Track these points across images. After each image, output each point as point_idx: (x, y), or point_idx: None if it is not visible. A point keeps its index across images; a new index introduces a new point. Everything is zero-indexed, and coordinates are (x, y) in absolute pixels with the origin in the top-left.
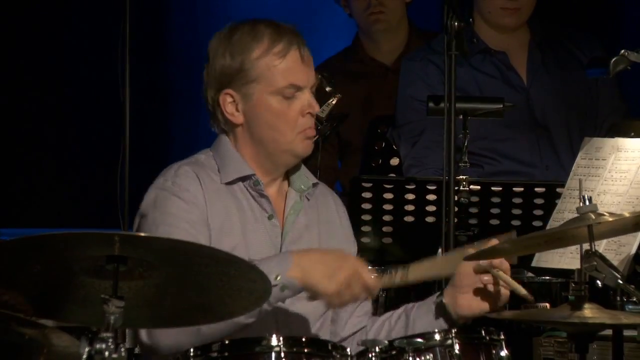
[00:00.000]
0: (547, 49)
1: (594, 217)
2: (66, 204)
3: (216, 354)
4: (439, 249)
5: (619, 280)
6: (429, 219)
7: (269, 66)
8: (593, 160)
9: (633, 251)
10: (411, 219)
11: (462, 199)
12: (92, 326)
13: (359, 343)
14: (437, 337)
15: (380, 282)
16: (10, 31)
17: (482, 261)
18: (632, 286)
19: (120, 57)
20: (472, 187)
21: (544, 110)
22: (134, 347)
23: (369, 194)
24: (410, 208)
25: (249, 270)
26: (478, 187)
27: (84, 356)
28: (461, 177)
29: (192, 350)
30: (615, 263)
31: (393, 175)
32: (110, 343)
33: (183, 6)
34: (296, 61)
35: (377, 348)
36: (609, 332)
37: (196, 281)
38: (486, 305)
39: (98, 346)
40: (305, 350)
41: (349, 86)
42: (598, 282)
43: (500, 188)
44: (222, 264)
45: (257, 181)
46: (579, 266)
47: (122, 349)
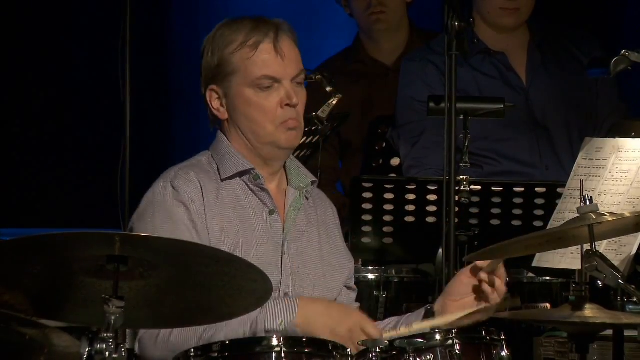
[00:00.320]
0: (547, 50)
1: (595, 217)
2: (66, 204)
3: (217, 354)
4: (440, 250)
5: (620, 280)
6: (430, 219)
7: (243, 59)
8: (594, 160)
9: (634, 251)
10: (412, 219)
11: (463, 199)
12: (93, 326)
13: (360, 343)
14: (438, 337)
15: (383, 335)
16: (10, 31)
17: (478, 262)
18: (633, 286)
19: (120, 57)
20: (473, 187)
21: (544, 110)
22: (134, 348)
23: (370, 194)
24: (410, 208)
25: (250, 270)
26: (479, 187)
27: (85, 356)
28: (462, 177)
29: (193, 350)
30: (616, 263)
31: (394, 175)
32: (110, 343)
33: (184, 5)
34: (270, 52)
35: (378, 348)
36: (610, 333)
37: (197, 281)
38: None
39: (98, 346)
40: (305, 350)
41: (350, 86)
42: (599, 283)
43: (500, 188)
44: (223, 264)
45: (257, 175)
46: (580, 266)
47: (123, 350)
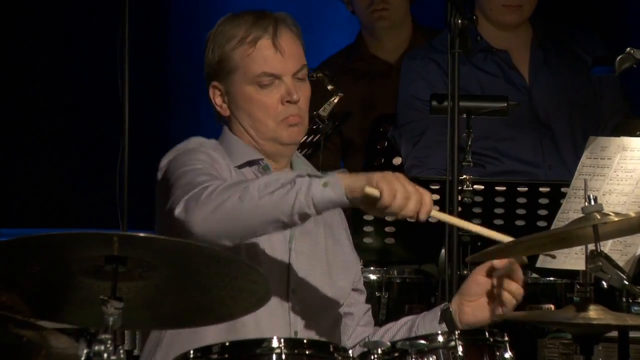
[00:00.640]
0: (550, 48)
1: (600, 217)
2: (65, 204)
3: (216, 356)
4: (442, 250)
5: (625, 281)
6: (432, 219)
7: (243, 55)
8: (598, 159)
9: (639, 252)
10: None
11: (466, 199)
12: (91, 328)
13: (361, 345)
14: (440, 339)
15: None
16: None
17: (495, 261)
18: (638, 287)
19: (119, 56)
20: (476, 187)
21: (547, 109)
22: (133, 349)
23: None
24: None
25: (250, 271)
26: (482, 187)
27: (83, 358)
28: (465, 177)
29: (192, 352)
30: (621, 264)
31: None
32: (109, 345)
33: (183, 4)
34: (269, 48)
35: (380, 350)
36: (615, 334)
37: (196, 282)
38: (489, 314)
39: (97, 348)
40: (306, 352)
41: (352, 84)
42: (603, 283)
43: (504, 188)
44: (223, 264)
45: (267, 166)
46: (584, 267)
47: (121, 351)
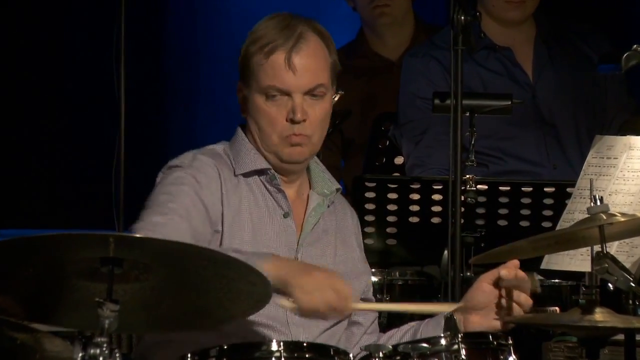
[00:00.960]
0: (554, 45)
1: (605, 218)
2: (60, 205)
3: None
4: (445, 251)
5: (632, 283)
6: (435, 220)
7: (258, 64)
8: (604, 159)
9: None
10: (416, 220)
11: (469, 199)
12: (86, 330)
13: (362, 348)
14: (443, 342)
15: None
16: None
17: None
18: None
19: (115, 56)
20: (479, 187)
21: (551, 107)
22: (129, 352)
23: (373, 194)
24: (415, 208)
25: (249, 272)
26: (485, 187)
27: None
28: (468, 177)
29: (190, 355)
30: (627, 265)
31: (397, 174)
32: (104, 348)
33: (181, 2)
34: (280, 63)
35: (381, 353)
36: (621, 337)
37: (194, 284)
38: (497, 323)
39: (92, 351)
40: (306, 355)
41: (353, 82)
42: (609, 285)
43: (508, 188)
44: (221, 266)
45: (274, 176)
46: (590, 269)
47: (117, 354)
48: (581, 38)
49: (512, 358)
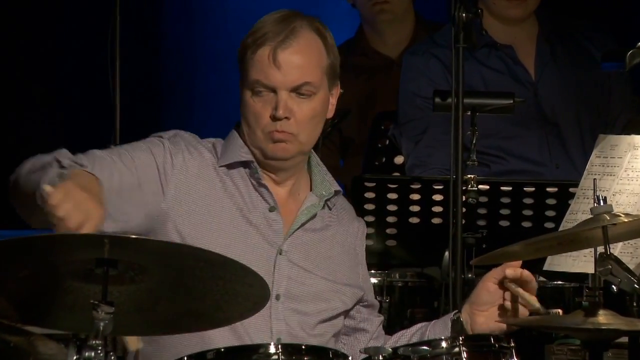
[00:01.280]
0: (557, 42)
1: (609, 218)
2: None
3: None
4: (446, 252)
5: (636, 284)
6: (436, 220)
7: (247, 57)
8: (608, 158)
9: None
10: (416, 221)
11: (471, 199)
12: (81, 333)
13: (362, 351)
14: (444, 345)
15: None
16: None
17: (507, 271)
18: None
19: (110, 55)
20: (481, 187)
21: (554, 106)
22: (125, 356)
23: (372, 194)
24: (415, 209)
25: (246, 274)
26: (487, 187)
27: None
28: (469, 177)
29: (186, 358)
30: (631, 267)
31: (397, 174)
32: (99, 351)
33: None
34: (265, 58)
35: (381, 356)
36: (625, 340)
37: (190, 285)
38: (503, 325)
39: (87, 354)
40: (305, 358)
41: (352, 80)
42: (613, 287)
43: (510, 188)
44: (218, 268)
45: (256, 169)
46: (593, 270)
47: (112, 357)
48: (584, 36)
49: None
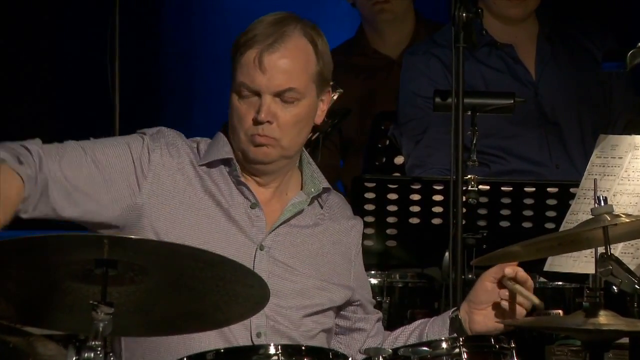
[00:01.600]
0: (557, 41)
1: (610, 219)
2: None
3: None
4: (446, 253)
5: (636, 285)
6: (436, 221)
7: (235, 60)
8: (609, 158)
9: None
10: (417, 221)
11: (471, 200)
12: (80, 334)
13: (361, 351)
14: (444, 346)
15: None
16: None
17: (505, 269)
18: None
19: (109, 55)
20: (481, 187)
21: (554, 105)
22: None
23: (372, 195)
24: (415, 209)
25: (246, 275)
26: (487, 187)
27: None
28: (470, 177)
29: (186, 358)
30: (632, 267)
31: (397, 174)
32: (99, 352)
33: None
34: (251, 61)
35: (381, 357)
36: (626, 341)
37: (190, 286)
38: (501, 324)
39: (86, 355)
40: (304, 358)
41: (352, 80)
42: (614, 288)
43: (510, 188)
44: (218, 268)
45: (235, 167)
46: (594, 271)
47: (112, 358)
48: (585, 35)
49: None
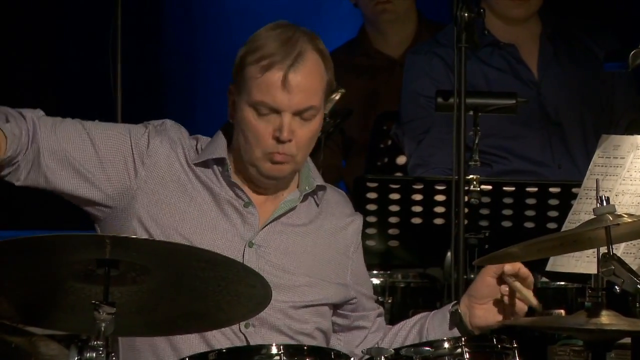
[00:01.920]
0: (560, 41)
1: (612, 219)
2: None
3: None
4: (448, 253)
5: (638, 285)
6: (438, 221)
7: (252, 77)
8: (611, 158)
9: None
10: (419, 221)
11: (473, 200)
12: (82, 334)
13: (364, 352)
14: (446, 346)
15: None
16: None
17: (506, 266)
18: None
19: (112, 55)
20: (483, 187)
21: (556, 105)
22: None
23: (374, 195)
24: (417, 209)
25: (248, 274)
26: (489, 187)
27: None
28: (472, 177)
29: (187, 359)
30: (634, 267)
31: (400, 174)
32: (101, 352)
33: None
34: (275, 81)
35: (383, 357)
36: (628, 341)
37: (192, 286)
38: (501, 317)
39: (88, 355)
40: (306, 359)
41: (354, 80)
42: (616, 288)
43: (512, 188)
44: (220, 268)
45: (227, 167)
46: (596, 271)
47: (114, 358)
48: (588, 35)
49: None
